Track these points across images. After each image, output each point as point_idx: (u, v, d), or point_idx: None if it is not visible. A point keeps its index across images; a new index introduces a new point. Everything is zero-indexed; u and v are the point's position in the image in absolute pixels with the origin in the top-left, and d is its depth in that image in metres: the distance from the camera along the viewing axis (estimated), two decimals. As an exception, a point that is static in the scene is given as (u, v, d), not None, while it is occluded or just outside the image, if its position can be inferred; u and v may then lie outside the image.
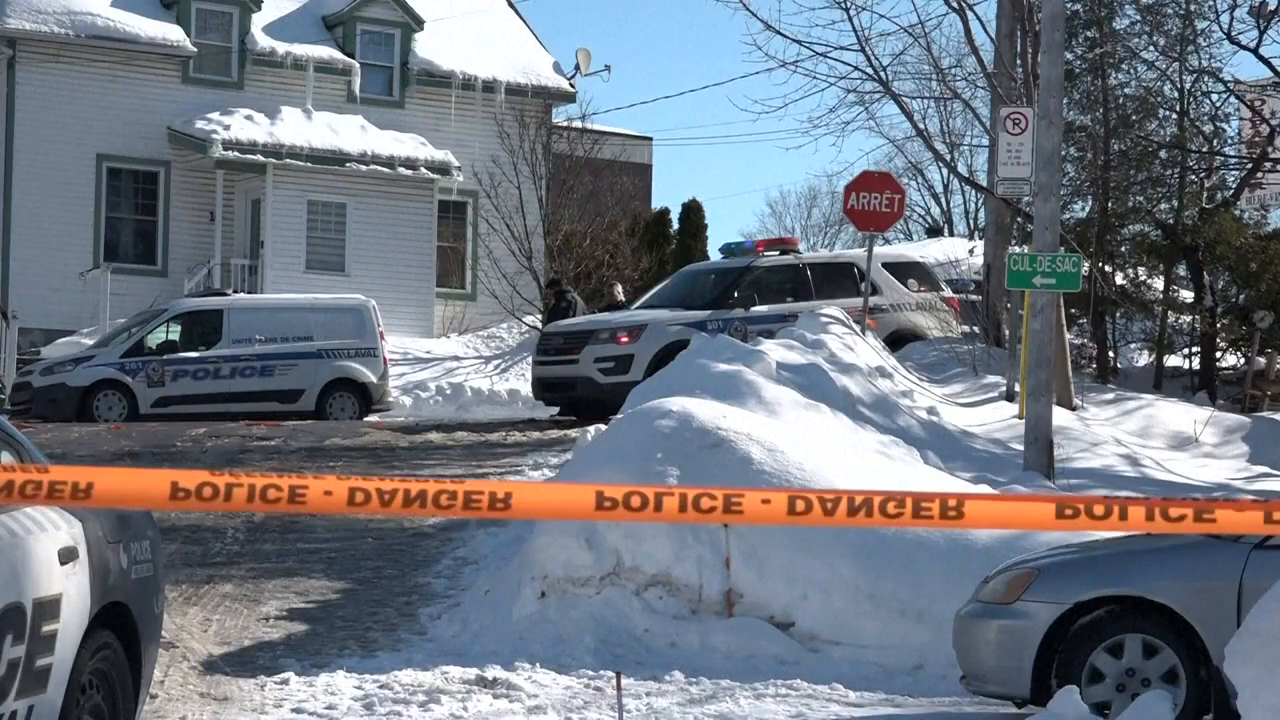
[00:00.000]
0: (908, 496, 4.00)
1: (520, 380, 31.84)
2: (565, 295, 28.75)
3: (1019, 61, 25.11)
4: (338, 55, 37.89)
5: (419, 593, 14.42)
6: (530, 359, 28.32)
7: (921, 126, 30.85)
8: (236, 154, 35.26)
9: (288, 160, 35.51)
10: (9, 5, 34.91)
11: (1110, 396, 25.24)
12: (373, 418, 27.91)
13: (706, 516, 3.88)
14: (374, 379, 28.28)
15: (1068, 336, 25.20)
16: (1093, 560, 10.71)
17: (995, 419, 21.73)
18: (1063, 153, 21.66)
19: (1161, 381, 27.85)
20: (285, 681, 11.29)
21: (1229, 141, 29.85)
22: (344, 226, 36.18)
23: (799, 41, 26.53)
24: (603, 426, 17.45)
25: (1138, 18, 29.41)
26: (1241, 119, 29.97)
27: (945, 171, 60.38)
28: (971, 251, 38.07)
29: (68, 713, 7.37)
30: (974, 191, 57.20)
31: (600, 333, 25.18)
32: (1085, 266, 23.40)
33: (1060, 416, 20.22)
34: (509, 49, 39.94)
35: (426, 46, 38.65)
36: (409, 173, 36.58)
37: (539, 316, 34.73)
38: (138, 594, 8.08)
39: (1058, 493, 16.24)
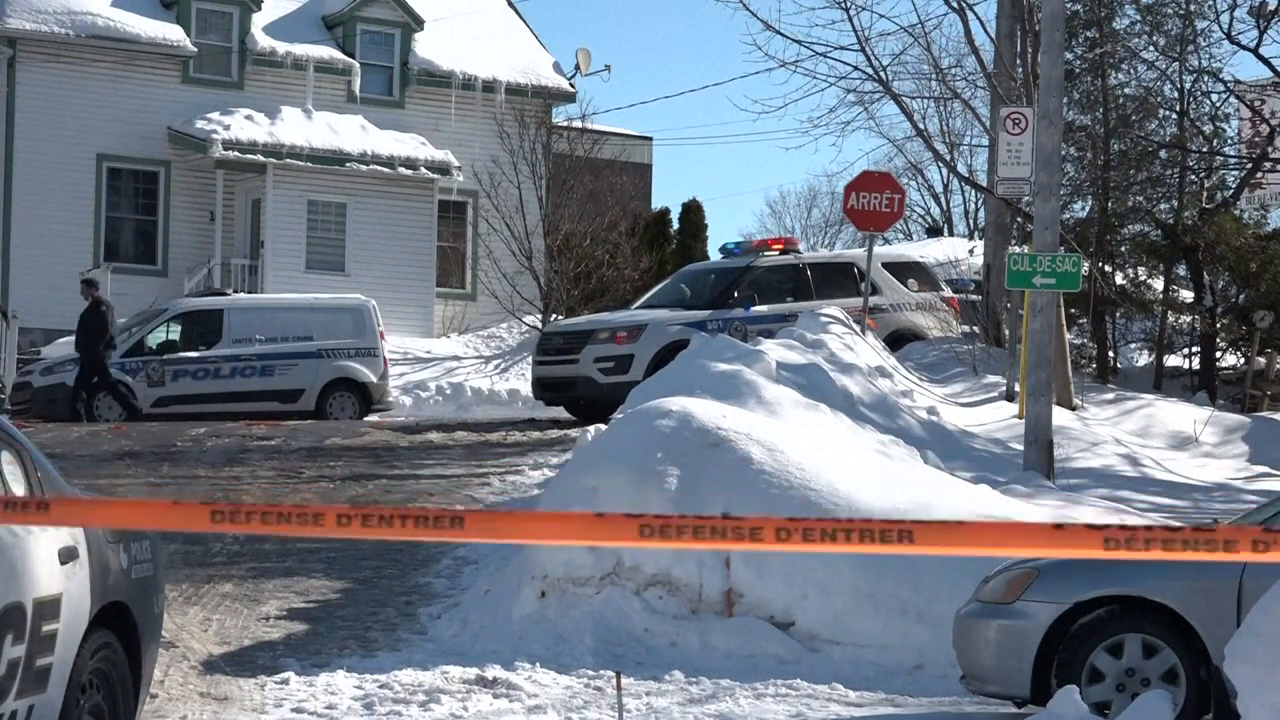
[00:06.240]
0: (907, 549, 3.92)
1: (520, 380, 31.84)
2: (102, 303, 27.15)
3: (1019, 61, 25.12)
4: (338, 55, 37.89)
5: (419, 592, 14.42)
6: (530, 359, 28.31)
7: (921, 126, 30.93)
8: (236, 154, 35.26)
9: (288, 160, 35.51)
10: (9, 5, 34.91)
11: (1110, 396, 25.25)
12: (373, 417, 27.91)
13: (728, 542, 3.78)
14: (374, 379, 28.28)
15: (1068, 336, 25.21)
16: (1092, 560, 10.72)
17: (995, 419, 21.73)
18: (1063, 153, 21.66)
19: (1161, 381, 27.85)
20: (285, 681, 11.28)
21: (1229, 141, 29.84)
22: (344, 226, 36.18)
23: (799, 41, 26.60)
24: (603, 426, 17.45)
25: (1138, 18, 29.41)
26: (1241, 119, 29.96)
27: (945, 171, 60.42)
28: (971, 251, 38.09)
29: (68, 712, 7.38)
30: (974, 191, 57.22)
31: (600, 332, 25.17)
32: (1085, 266, 23.40)
33: (1060, 416, 20.22)
34: (509, 49, 39.94)
35: (426, 46, 38.65)
36: (409, 173, 36.59)
37: (542, 317, 34.74)
38: (138, 594, 8.08)
39: (1058, 508, 16.27)
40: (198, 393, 27.63)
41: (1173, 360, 29.09)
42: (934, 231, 59.51)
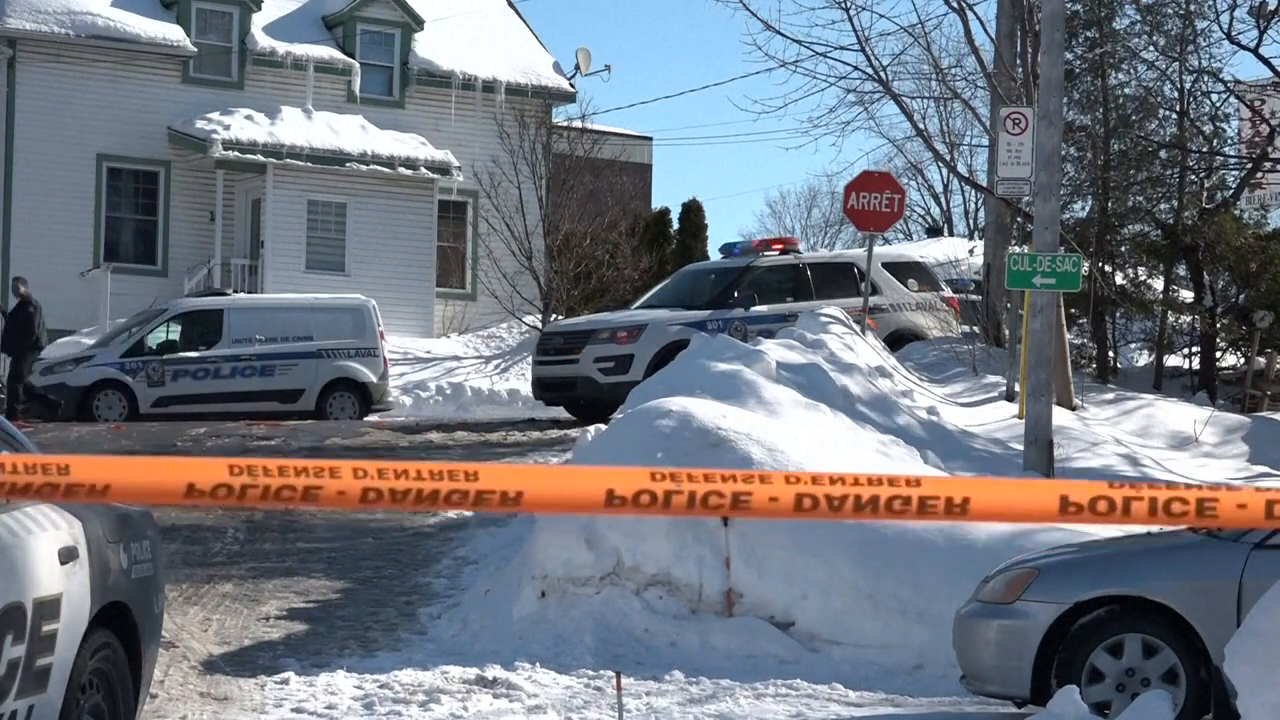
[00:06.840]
0: (914, 494, 3.99)
1: (520, 380, 31.84)
2: (30, 302, 27.49)
3: (1019, 61, 25.11)
4: (338, 55, 37.88)
5: (419, 592, 14.42)
6: (530, 359, 28.32)
7: (921, 126, 30.90)
8: (236, 154, 35.26)
9: (288, 160, 35.51)
10: (9, 5, 34.91)
11: (1110, 396, 25.24)
12: (373, 417, 27.92)
13: (713, 511, 3.91)
14: (374, 379, 28.28)
15: (1068, 336, 25.20)
16: (1093, 560, 10.72)
17: (995, 419, 21.73)
18: (1063, 153, 21.65)
19: (1161, 381, 27.84)
20: (285, 681, 11.29)
21: (1229, 141, 29.83)
22: (344, 226, 36.18)
23: (799, 41, 26.55)
24: (603, 426, 17.45)
25: (1138, 18, 29.40)
26: (1241, 119, 29.95)
27: (945, 171, 60.43)
28: (971, 251, 38.09)
29: (68, 712, 7.37)
30: (974, 191, 57.22)
31: (600, 333, 25.18)
32: (1085, 266, 23.40)
33: (1060, 416, 20.22)
34: (509, 49, 39.95)
35: (426, 46, 38.65)
36: (409, 173, 36.58)
37: (542, 317, 34.74)
38: (138, 594, 8.08)
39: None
40: (198, 393, 27.65)
41: (1173, 360, 29.09)
42: (934, 231, 59.52)
